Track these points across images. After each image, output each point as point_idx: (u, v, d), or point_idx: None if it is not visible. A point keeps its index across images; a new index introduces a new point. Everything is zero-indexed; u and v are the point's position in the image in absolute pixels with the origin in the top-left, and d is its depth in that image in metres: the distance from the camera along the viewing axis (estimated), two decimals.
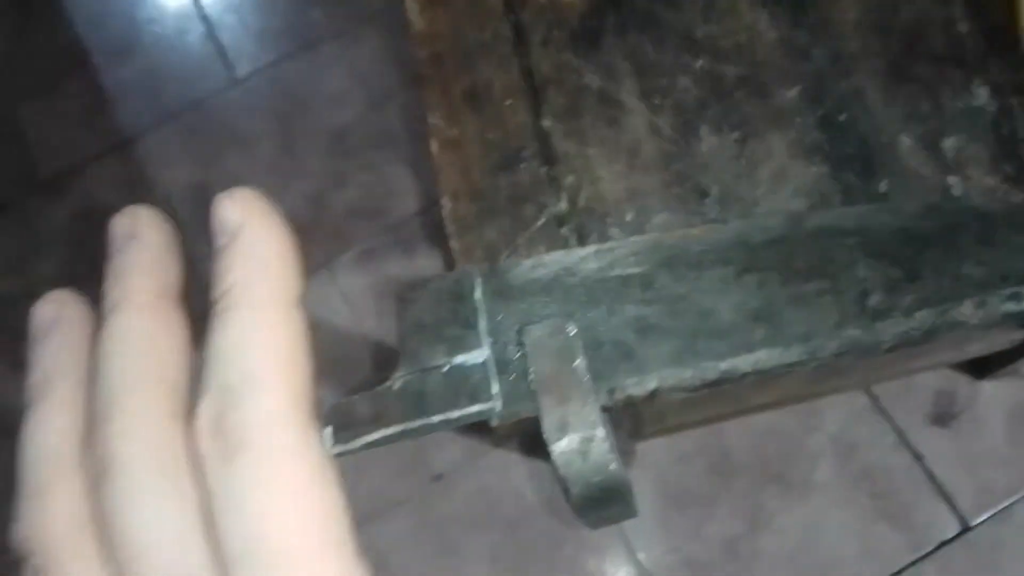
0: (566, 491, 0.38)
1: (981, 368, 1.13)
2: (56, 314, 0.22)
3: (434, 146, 0.46)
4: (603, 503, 0.39)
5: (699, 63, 0.45)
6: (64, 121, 1.48)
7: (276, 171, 1.43)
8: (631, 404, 0.41)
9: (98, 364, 0.20)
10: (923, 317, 0.38)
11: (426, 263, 1.39)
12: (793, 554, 1.10)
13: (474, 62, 0.47)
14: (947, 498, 1.10)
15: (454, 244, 0.44)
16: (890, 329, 0.39)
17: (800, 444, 1.15)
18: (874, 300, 0.38)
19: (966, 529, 1.08)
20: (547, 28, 0.47)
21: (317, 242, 1.36)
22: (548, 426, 0.38)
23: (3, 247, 1.40)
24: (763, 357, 0.39)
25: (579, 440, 0.38)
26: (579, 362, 0.39)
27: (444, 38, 0.48)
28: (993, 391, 1.14)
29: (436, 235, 1.32)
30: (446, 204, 0.44)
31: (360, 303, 1.32)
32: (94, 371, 0.20)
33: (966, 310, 0.39)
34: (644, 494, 1.15)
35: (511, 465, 1.18)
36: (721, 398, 0.81)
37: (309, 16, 1.53)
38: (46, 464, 0.19)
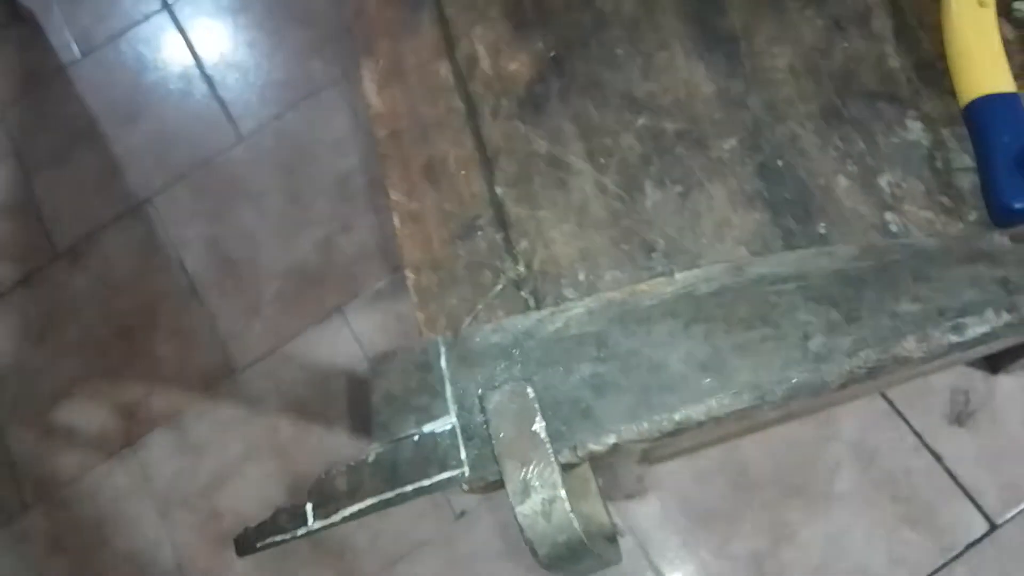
0: (533, 552, 0.40)
1: (996, 363, 1.12)
2: None
3: (396, 220, 0.48)
4: (572, 560, 0.41)
5: (640, 121, 0.47)
6: (78, 190, 1.54)
7: (285, 221, 1.46)
8: (595, 458, 0.43)
9: None
10: (866, 356, 0.40)
11: None
12: (819, 567, 1.10)
13: (430, 137, 0.49)
14: (971, 498, 1.09)
15: (418, 314, 0.46)
16: (834, 370, 0.40)
17: (819, 454, 1.15)
18: (816, 343, 0.40)
19: (993, 528, 1.07)
20: (496, 98, 0.49)
21: (329, 287, 1.39)
22: (511, 489, 0.40)
23: (26, 318, 1.45)
24: (714, 405, 0.41)
25: (541, 502, 0.39)
26: (538, 425, 0.41)
27: (401, 116, 0.51)
28: (1009, 385, 1.12)
29: None
30: (409, 276, 0.47)
31: (374, 345, 1.34)
32: None
33: (908, 345, 0.40)
34: (667, 514, 1.16)
35: None
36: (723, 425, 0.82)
37: (308, 67, 1.57)
38: None
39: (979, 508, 1.08)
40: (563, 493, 0.39)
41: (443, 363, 0.44)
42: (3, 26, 1.74)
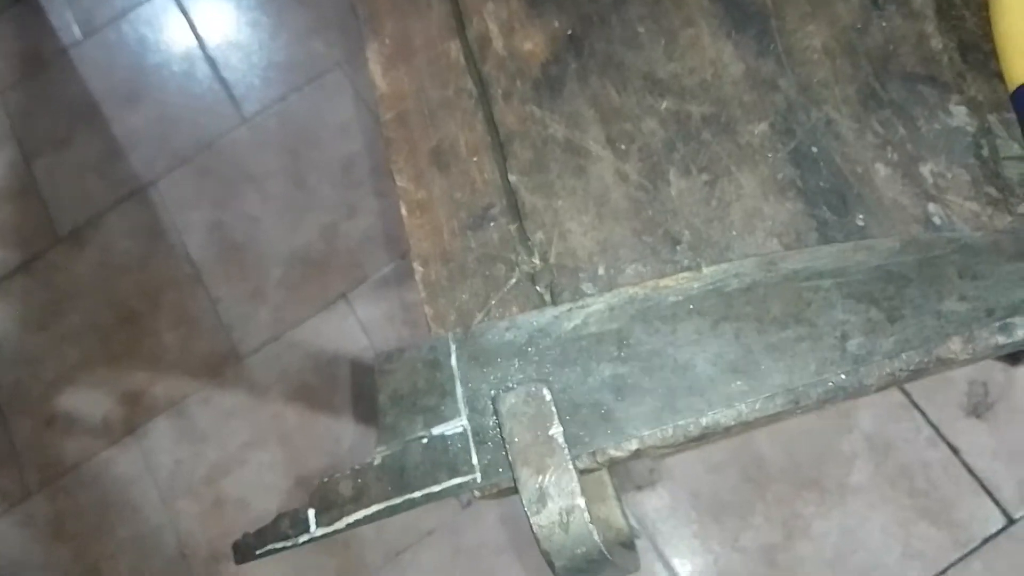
0: (550, 564, 0.37)
1: (1016, 355, 1.09)
2: None
3: (403, 209, 0.46)
4: (590, 571, 0.38)
5: (664, 104, 0.44)
6: (79, 173, 1.51)
7: (289, 206, 1.44)
8: (615, 463, 0.40)
9: None
10: (908, 358, 0.37)
11: None
12: (833, 560, 1.08)
13: (439, 120, 0.47)
14: (988, 492, 1.07)
15: (427, 309, 0.43)
16: (874, 372, 0.37)
17: (834, 446, 1.13)
18: (854, 344, 0.37)
19: (1011, 522, 1.05)
20: (509, 80, 0.46)
21: (334, 273, 1.37)
22: (526, 498, 0.38)
23: (28, 303, 1.43)
24: (744, 409, 0.38)
25: (558, 512, 0.37)
26: (555, 429, 0.38)
27: (408, 97, 0.48)
28: None
29: None
30: (417, 269, 0.44)
31: (379, 332, 1.32)
32: None
33: (954, 346, 0.37)
34: (678, 506, 1.14)
35: None
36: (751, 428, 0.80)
37: (311, 47, 1.54)
38: None
39: (996, 502, 1.06)
40: (582, 502, 0.36)
41: (453, 362, 0.41)
42: (4, 8, 1.71)
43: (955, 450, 1.09)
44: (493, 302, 0.42)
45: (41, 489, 1.32)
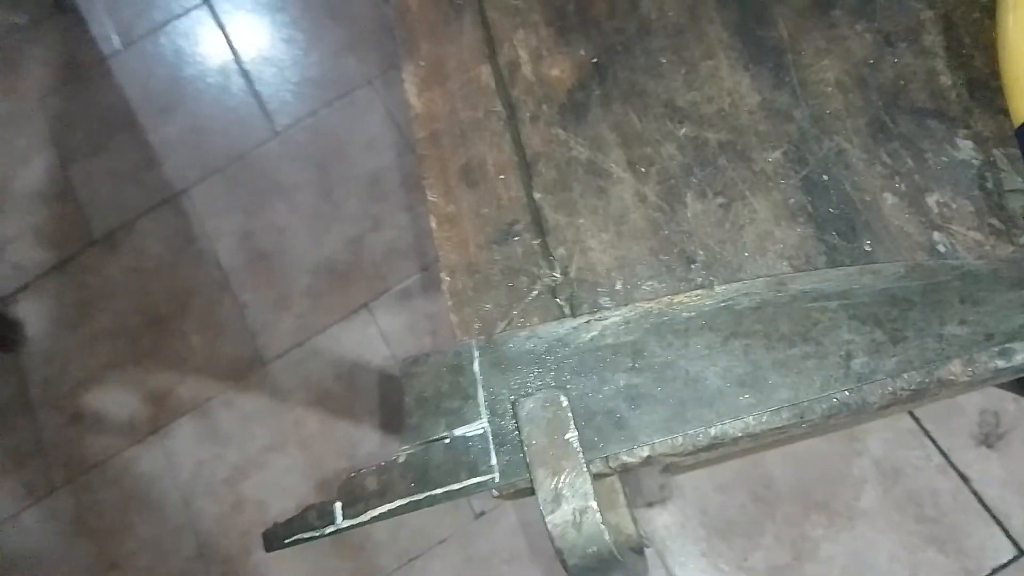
0: (563, 562, 0.40)
1: None
2: None
3: (432, 222, 0.48)
4: (601, 571, 0.40)
5: (683, 130, 0.47)
6: (114, 179, 1.56)
7: (317, 217, 1.47)
8: (626, 470, 0.42)
9: None
10: (909, 378, 0.39)
11: None
12: None
13: (469, 140, 0.49)
14: (998, 521, 1.07)
15: (453, 317, 0.46)
16: (876, 390, 0.39)
17: (843, 470, 1.14)
18: (858, 363, 0.39)
19: (1021, 553, 1.05)
20: (536, 104, 0.49)
21: (358, 284, 1.40)
22: (542, 498, 0.40)
23: (61, 303, 1.47)
24: (751, 422, 0.40)
25: (572, 512, 0.39)
26: (571, 434, 0.41)
27: (441, 118, 0.50)
28: None
29: None
30: (444, 279, 0.47)
31: (400, 342, 1.35)
32: None
33: (955, 369, 0.39)
34: (687, 524, 1.15)
35: None
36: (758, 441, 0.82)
37: (343, 64, 1.59)
38: None
39: (1006, 532, 1.07)
40: (595, 504, 0.39)
41: (476, 367, 0.44)
42: (47, 16, 1.77)
43: (965, 479, 1.09)
44: (515, 312, 0.45)
45: (65, 484, 1.36)
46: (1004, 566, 1.05)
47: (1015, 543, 1.06)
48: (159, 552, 1.29)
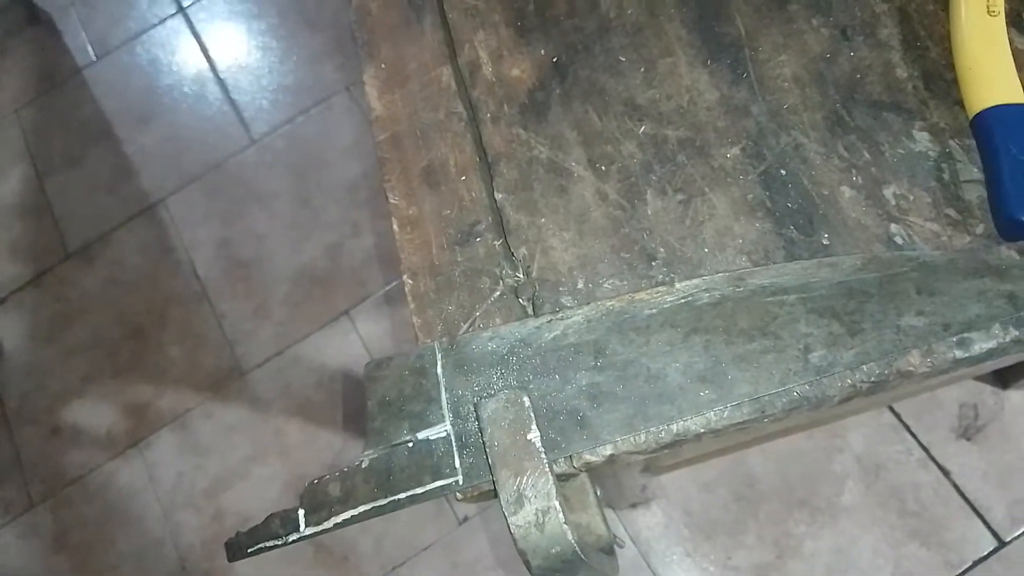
0: (526, 563, 0.39)
1: (1006, 378, 1.10)
2: None
3: (395, 225, 0.48)
4: (566, 572, 0.40)
5: (642, 128, 0.47)
6: (90, 191, 1.55)
7: (295, 225, 1.47)
8: (593, 469, 0.42)
9: None
10: (868, 370, 0.39)
11: None
12: None
13: (430, 141, 0.49)
14: (979, 514, 1.08)
15: (415, 320, 0.45)
16: (836, 383, 0.39)
17: (825, 467, 1.14)
18: (816, 356, 0.39)
19: (1002, 544, 1.06)
20: (497, 104, 0.49)
21: (337, 291, 1.39)
22: (505, 499, 0.40)
23: (37, 317, 1.46)
24: (712, 418, 0.40)
25: (535, 512, 0.39)
26: (533, 434, 0.40)
27: (402, 120, 0.50)
28: (1019, 400, 1.11)
29: None
30: (407, 281, 0.46)
31: (381, 349, 1.34)
32: None
33: (913, 360, 0.39)
34: (670, 524, 1.15)
35: None
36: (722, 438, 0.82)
37: (320, 71, 1.58)
38: None
39: (987, 524, 1.07)
40: (557, 504, 0.38)
41: (439, 370, 0.44)
42: (20, 28, 1.76)
43: (946, 472, 1.10)
44: (478, 313, 0.45)
45: (45, 500, 1.34)
46: (985, 558, 1.06)
47: (995, 535, 1.06)
48: (140, 566, 1.28)
